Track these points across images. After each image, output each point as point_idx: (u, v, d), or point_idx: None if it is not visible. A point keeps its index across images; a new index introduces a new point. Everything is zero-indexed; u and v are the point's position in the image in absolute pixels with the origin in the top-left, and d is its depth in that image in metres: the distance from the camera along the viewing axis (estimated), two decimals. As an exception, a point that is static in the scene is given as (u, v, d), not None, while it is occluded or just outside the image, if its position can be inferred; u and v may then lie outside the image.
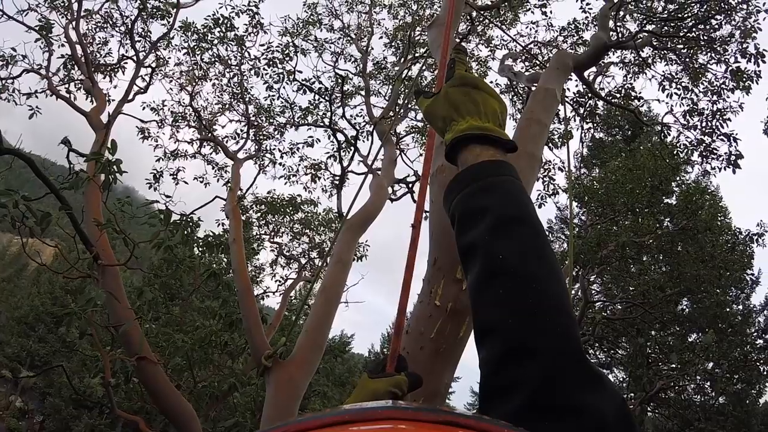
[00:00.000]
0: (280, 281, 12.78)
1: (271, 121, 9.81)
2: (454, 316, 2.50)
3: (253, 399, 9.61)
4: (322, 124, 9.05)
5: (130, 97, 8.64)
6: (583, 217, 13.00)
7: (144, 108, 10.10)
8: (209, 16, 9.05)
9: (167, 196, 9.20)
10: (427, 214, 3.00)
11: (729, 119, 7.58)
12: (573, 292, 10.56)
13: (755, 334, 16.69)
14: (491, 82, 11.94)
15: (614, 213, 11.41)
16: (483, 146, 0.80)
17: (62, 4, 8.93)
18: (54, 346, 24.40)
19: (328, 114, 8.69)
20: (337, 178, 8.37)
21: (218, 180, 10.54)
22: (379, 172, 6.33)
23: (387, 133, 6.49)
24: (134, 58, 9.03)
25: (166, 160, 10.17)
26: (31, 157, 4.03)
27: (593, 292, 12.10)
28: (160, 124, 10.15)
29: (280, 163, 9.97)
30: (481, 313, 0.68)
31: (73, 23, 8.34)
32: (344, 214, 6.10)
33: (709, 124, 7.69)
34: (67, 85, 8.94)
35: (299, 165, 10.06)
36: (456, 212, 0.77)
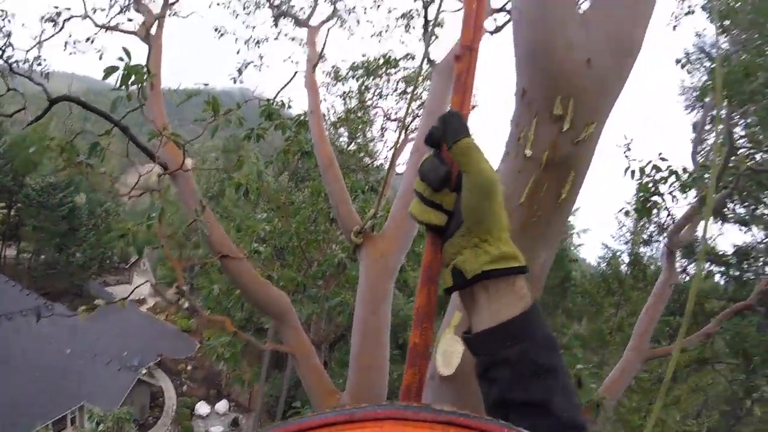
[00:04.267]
0: (391, 147, 12.31)
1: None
2: (553, 170, 1.73)
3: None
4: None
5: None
6: (725, 45, 10.69)
7: (210, 5, 9.46)
8: None
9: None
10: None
11: None
12: (715, 133, 8.77)
13: None
14: None
15: (762, 39, 9.11)
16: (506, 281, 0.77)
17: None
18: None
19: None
20: (426, 20, 7.14)
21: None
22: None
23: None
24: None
25: (248, 49, 9.68)
26: (77, 97, 4.05)
27: (736, 136, 10.14)
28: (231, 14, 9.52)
29: (367, 21, 9.08)
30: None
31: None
32: (430, 59, 5.21)
33: None
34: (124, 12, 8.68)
35: (388, 18, 9.07)
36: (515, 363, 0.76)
